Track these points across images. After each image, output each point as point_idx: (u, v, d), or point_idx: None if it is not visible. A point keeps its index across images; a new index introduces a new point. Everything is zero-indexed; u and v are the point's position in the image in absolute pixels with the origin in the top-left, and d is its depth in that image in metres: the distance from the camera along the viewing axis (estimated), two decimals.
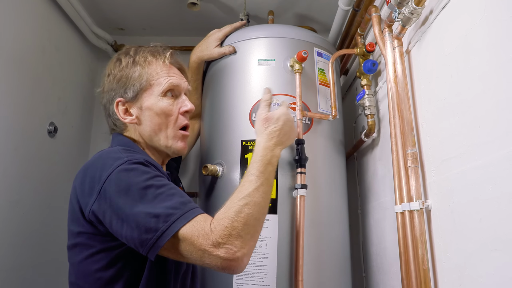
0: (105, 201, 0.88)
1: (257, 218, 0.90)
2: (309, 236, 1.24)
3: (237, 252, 0.83)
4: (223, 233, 0.83)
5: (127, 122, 1.12)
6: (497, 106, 0.78)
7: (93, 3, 1.98)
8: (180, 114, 1.14)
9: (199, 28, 2.13)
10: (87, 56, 2.18)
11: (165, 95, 1.12)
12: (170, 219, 0.84)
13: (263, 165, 1.00)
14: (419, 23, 1.14)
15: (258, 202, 0.92)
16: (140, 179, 0.89)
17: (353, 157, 1.86)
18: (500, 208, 0.75)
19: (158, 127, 1.11)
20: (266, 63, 1.41)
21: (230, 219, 0.86)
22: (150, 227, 0.83)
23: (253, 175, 0.97)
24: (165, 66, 1.14)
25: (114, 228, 0.88)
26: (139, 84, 1.10)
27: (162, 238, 0.82)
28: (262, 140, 1.08)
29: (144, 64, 1.12)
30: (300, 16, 2.10)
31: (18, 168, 1.54)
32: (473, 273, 0.85)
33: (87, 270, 0.94)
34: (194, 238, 0.83)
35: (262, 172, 0.98)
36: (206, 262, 0.84)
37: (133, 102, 1.12)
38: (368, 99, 1.49)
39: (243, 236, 0.85)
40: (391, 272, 1.35)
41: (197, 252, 0.83)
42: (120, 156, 0.95)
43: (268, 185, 0.99)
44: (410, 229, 1.06)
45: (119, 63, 1.14)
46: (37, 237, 1.65)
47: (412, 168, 1.08)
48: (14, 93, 1.51)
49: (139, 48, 1.17)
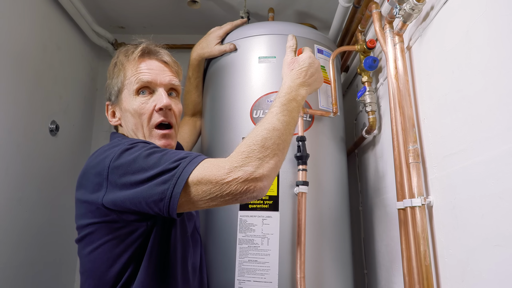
0: (116, 183, 0.89)
1: (276, 143, 0.88)
2: (310, 233, 1.25)
3: (254, 172, 0.82)
4: (239, 157, 0.83)
5: (113, 124, 1.17)
6: (498, 102, 0.78)
7: (93, 2, 1.97)
8: (156, 111, 1.10)
9: (199, 26, 2.13)
10: (88, 54, 2.18)
11: (138, 94, 1.10)
12: (180, 166, 0.84)
13: (286, 100, 1.00)
14: (420, 19, 1.14)
15: (278, 128, 0.91)
16: (142, 150, 0.91)
17: (354, 154, 1.86)
18: (503, 203, 0.75)
19: (135, 127, 1.11)
20: (266, 60, 1.41)
21: (246, 144, 0.86)
22: (164, 180, 0.84)
23: (275, 107, 0.97)
24: (136, 63, 1.12)
25: (131, 199, 0.87)
26: (117, 86, 1.13)
27: (178, 184, 0.82)
28: (287, 81, 1.08)
29: (120, 65, 1.14)
30: (300, 13, 2.10)
31: (20, 166, 1.54)
32: (475, 269, 0.85)
33: (98, 259, 0.96)
34: (209, 174, 0.82)
35: (284, 105, 0.98)
36: (226, 193, 0.82)
37: (116, 104, 1.15)
38: (369, 95, 1.49)
39: (261, 158, 0.84)
40: (393, 268, 1.35)
41: (215, 186, 0.82)
42: (120, 142, 0.97)
43: (291, 117, 0.97)
44: (411, 225, 1.06)
45: (111, 66, 1.18)
46: (39, 235, 1.65)
47: (413, 164, 1.08)
48: (16, 91, 1.51)
49: (121, 49, 1.18)
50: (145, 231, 0.96)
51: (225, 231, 1.27)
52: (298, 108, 1.03)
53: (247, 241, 1.22)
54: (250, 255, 1.21)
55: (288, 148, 0.95)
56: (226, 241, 1.26)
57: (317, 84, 1.16)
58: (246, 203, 1.25)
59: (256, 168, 0.83)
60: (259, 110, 1.34)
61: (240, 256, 1.21)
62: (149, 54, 1.15)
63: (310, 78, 1.11)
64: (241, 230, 1.24)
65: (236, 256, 1.22)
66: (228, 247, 1.25)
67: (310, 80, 1.11)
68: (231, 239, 1.25)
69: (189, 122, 1.61)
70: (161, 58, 1.17)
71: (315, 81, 1.14)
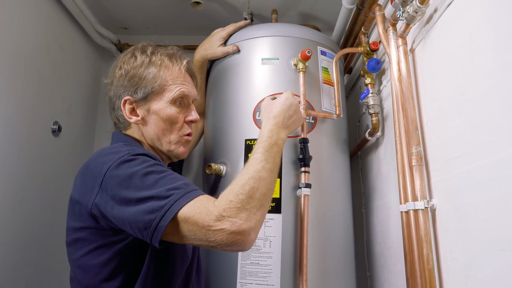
0: (107, 193, 0.88)
1: (263, 193, 0.89)
2: (313, 236, 1.24)
3: (242, 224, 0.82)
4: (227, 206, 0.82)
5: (131, 122, 1.12)
6: (502, 105, 0.77)
7: (97, 3, 1.98)
8: (185, 123, 1.16)
9: (202, 27, 2.13)
10: (91, 55, 2.18)
11: (174, 103, 1.12)
12: (172, 198, 0.83)
13: (268, 145, 1.01)
14: (423, 21, 1.13)
15: (264, 177, 0.92)
16: (141, 167, 0.90)
17: (357, 156, 1.86)
18: (506, 207, 0.75)
19: (162, 132, 1.12)
20: (269, 62, 1.41)
21: (234, 193, 0.85)
22: (153, 208, 0.83)
23: (258, 153, 0.98)
24: (180, 73, 1.15)
25: (116, 217, 0.87)
26: (151, 87, 1.10)
27: (165, 218, 0.82)
28: (266, 125, 1.09)
29: (160, 67, 1.11)
30: (303, 15, 2.10)
31: (22, 167, 1.54)
32: (478, 273, 0.84)
33: (86, 265, 0.95)
34: (197, 216, 0.82)
35: (267, 151, 0.99)
36: (211, 240, 0.81)
37: (141, 103, 1.11)
38: (372, 98, 1.49)
39: (248, 209, 0.84)
40: (395, 271, 1.35)
41: (201, 231, 0.81)
42: (121, 150, 0.96)
43: (274, 164, 0.98)
44: (414, 228, 1.05)
45: (134, 60, 1.12)
46: (40, 236, 1.65)
47: (416, 167, 1.08)
48: (18, 92, 1.52)
49: (157, 48, 1.16)
50: (136, 240, 0.93)
51: None
52: (280, 153, 1.04)
53: None
54: (252, 258, 1.20)
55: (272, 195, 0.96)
56: None
57: (296, 125, 1.18)
58: None
59: (245, 220, 0.82)
60: None
61: (242, 258, 1.21)
62: (189, 68, 1.20)
63: (289, 120, 1.13)
64: None
65: (238, 258, 1.22)
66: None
67: (289, 122, 1.13)
68: None
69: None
70: (193, 72, 1.23)
71: (293, 123, 1.15)
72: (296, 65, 1.38)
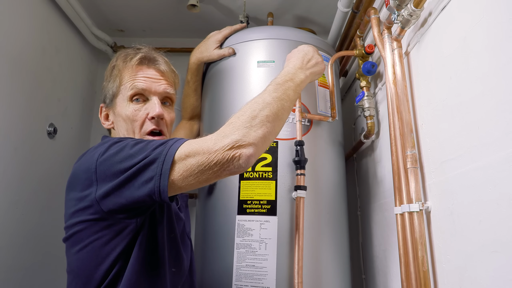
0: (105, 172, 0.89)
1: (265, 114, 0.89)
2: (308, 238, 1.24)
3: (240, 140, 0.82)
4: (227, 128, 0.85)
5: (106, 127, 1.17)
6: (496, 108, 0.78)
7: (93, 5, 1.98)
8: (148, 119, 1.10)
9: (198, 30, 2.14)
10: (87, 57, 2.18)
11: (132, 100, 1.10)
12: (167, 143, 0.87)
13: (282, 80, 1.02)
14: (418, 25, 1.14)
15: (268, 102, 0.92)
16: (129, 140, 0.93)
17: (352, 158, 1.86)
18: (500, 209, 0.75)
19: (127, 133, 1.11)
20: (265, 64, 1.41)
21: (235, 116, 0.87)
22: (152, 158, 0.85)
23: (269, 86, 0.99)
24: (133, 70, 1.12)
25: (119, 190, 0.87)
26: (112, 90, 1.13)
27: (166, 161, 0.83)
28: (285, 68, 1.12)
29: (117, 70, 1.13)
30: (299, 18, 2.10)
31: (18, 169, 1.54)
32: (473, 274, 0.85)
33: (84, 259, 0.95)
34: (196, 147, 0.83)
35: (278, 84, 1.00)
36: (215, 163, 0.82)
37: (110, 108, 1.15)
38: (368, 100, 1.49)
39: (248, 127, 0.85)
40: (391, 274, 1.35)
41: (203, 157, 0.82)
42: (108, 140, 0.99)
43: (285, 94, 0.98)
44: (409, 230, 1.06)
45: (109, 68, 1.17)
46: (36, 238, 1.65)
47: (411, 169, 1.08)
48: (14, 94, 1.51)
49: (120, 53, 1.18)
50: (134, 228, 0.95)
51: (223, 235, 1.27)
52: (295, 89, 1.03)
53: (245, 246, 1.22)
54: (247, 260, 1.20)
55: (282, 123, 0.96)
56: (223, 246, 1.26)
57: (317, 69, 1.19)
58: (244, 208, 1.25)
59: (243, 136, 0.83)
60: None
61: (238, 261, 1.21)
62: (147, 62, 1.14)
63: (308, 63, 1.15)
64: (238, 235, 1.23)
65: (233, 260, 1.22)
66: (225, 252, 1.24)
67: (308, 65, 1.15)
68: (229, 243, 1.24)
69: (186, 126, 1.61)
70: (158, 67, 1.15)
71: (313, 66, 1.17)
72: None
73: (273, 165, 1.29)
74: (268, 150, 1.30)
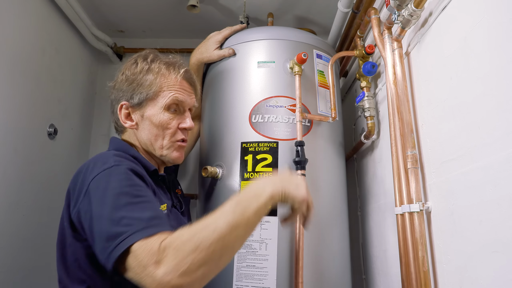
0: (88, 203, 0.89)
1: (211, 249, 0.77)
2: (309, 238, 1.24)
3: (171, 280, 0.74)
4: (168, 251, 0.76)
5: (126, 126, 1.16)
6: (497, 108, 0.78)
7: (93, 5, 1.98)
8: (179, 129, 1.17)
9: (198, 30, 2.14)
10: (87, 58, 2.18)
11: (167, 109, 1.14)
12: (130, 230, 0.80)
13: (246, 197, 0.87)
14: (418, 25, 1.14)
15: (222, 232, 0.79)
16: (118, 184, 0.89)
17: (352, 159, 1.86)
18: (501, 209, 0.75)
19: (154, 138, 1.14)
20: (265, 65, 1.41)
21: (181, 240, 0.77)
22: (111, 236, 0.81)
23: (228, 204, 0.85)
24: (176, 81, 1.16)
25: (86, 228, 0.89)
26: (146, 93, 1.13)
27: (117, 249, 0.79)
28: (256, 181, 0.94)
29: (157, 74, 1.15)
30: (299, 18, 2.10)
31: (18, 170, 1.54)
32: (473, 275, 0.85)
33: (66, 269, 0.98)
34: (140, 253, 0.77)
35: (239, 203, 0.85)
36: (142, 283, 0.76)
37: (136, 108, 1.15)
38: (368, 101, 1.49)
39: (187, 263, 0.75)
40: (391, 274, 1.35)
41: (138, 269, 0.77)
42: (108, 160, 0.95)
43: (244, 219, 0.82)
44: (410, 231, 1.06)
45: (135, 66, 1.17)
46: (36, 239, 1.65)
47: (412, 170, 1.08)
48: (14, 95, 1.51)
49: (157, 57, 1.19)
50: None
51: None
52: (258, 211, 0.85)
53: (245, 246, 1.22)
54: (248, 260, 1.20)
55: (232, 255, 0.86)
56: None
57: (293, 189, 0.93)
58: None
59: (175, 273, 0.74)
60: (258, 115, 1.34)
61: (238, 261, 1.21)
62: (187, 77, 1.21)
63: (285, 181, 0.93)
64: None
65: (234, 261, 1.21)
66: None
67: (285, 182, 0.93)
68: None
69: None
70: (193, 82, 1.23)
71: (290, 184, 0.93)
72: (292, 68, 1.38)
73: (273, 165, 1.28)
74: (268, 150, 1.30)
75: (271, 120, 1.34)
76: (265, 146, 1.31)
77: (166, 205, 1.10)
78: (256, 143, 1.31)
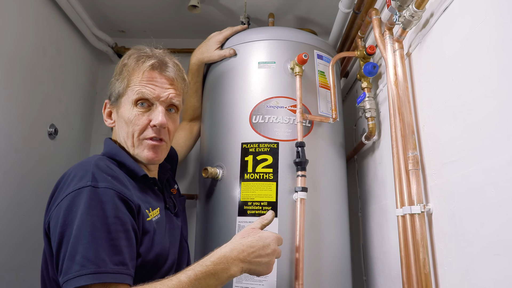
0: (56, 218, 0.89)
1: None
2: (309, 239, 1.24)
3: None
4: None
5: (107, 125, 1.16)
6: (498, 109, 0.77)
7: (94, 5, 1.97)
8: (150, 126, 1.09)
9: (199, 31, 2.13)
10: (87, 58, 2.17)
11: (136, 104, 1.08)
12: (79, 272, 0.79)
13: (205, 272, 0.85)
14: (419, 26, 1.14)
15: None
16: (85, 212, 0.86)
17: (353, 159, 1.86)
18: (503, 212, 0.75)
19: (126, 136, 1.10)
20: (266, 65, 1.41)
21: None
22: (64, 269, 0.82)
23: (186, 276, 0.84)
24: (143, 75, 1.09)
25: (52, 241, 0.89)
26: (118, 89, 1.11)
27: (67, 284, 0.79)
28: (225, 247, 0.93)
29: (129, 69, 1.11)
30: (300, 19, 2.10)
31: (18, 169, 1.53)
32: (475, 278, 0.84)
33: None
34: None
35: (198, 279, 0.84)
36: None
37: (114, 106, 1.14)
38: (369, 101, 1.49)
39: None
40: (392, 276, 1.34)
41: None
42: (86, 175, 0.92)
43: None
44: (411, 232, 1.05)
45: (119, 64, 1.16)
46: (36, 239, 1.64)
47: (413, 171, 1.07)
48: (15, 95, 1.51)
49: (134, 51, 1.15)
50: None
51: (223, 237, 1.26)
52: (220, 284, 0.86)
53: None
54: None
55: None
56: None
57: (260, 269, 0.95)
58: (245, 209, 1.25)
59: None
60: (259, 116, 1.34)
61: None
62: (159, 69, 1.12)
63: (256, 259, 0.93)
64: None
65: None
66: None
67: (255, 260, 0.93)
68: None
69: (186, 127, 1.60)
70: (168, 75, 1.13)
71: (259, 265, 0.94)
72: (292, 69, 1.38)
73: (273, 166, 1.28)
74: (269, 151, 1.30)
75: (271, 120, 1.33)
76: (265, 146, 1.30)
77: (158, 209, 1.08)
78: (257, 143, 1.31)
